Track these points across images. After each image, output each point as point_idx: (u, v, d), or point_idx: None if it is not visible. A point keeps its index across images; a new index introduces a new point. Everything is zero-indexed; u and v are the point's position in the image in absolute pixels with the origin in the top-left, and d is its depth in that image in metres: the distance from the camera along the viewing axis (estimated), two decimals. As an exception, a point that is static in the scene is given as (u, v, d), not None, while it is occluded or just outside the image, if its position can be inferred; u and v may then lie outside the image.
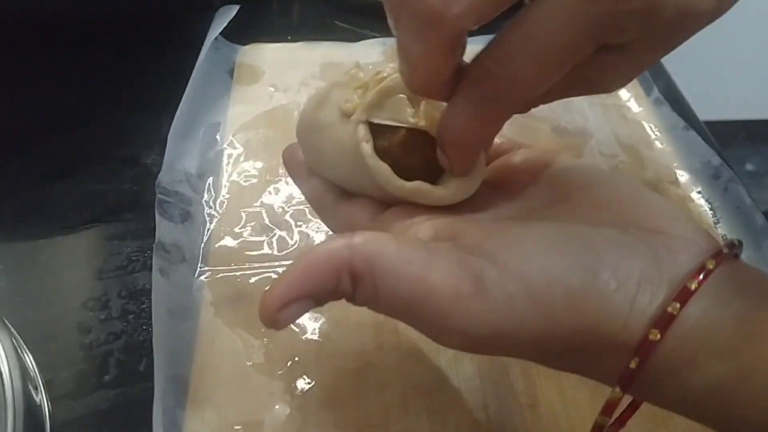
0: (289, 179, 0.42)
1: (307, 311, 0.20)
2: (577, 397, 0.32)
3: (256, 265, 0.37)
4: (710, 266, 0.19)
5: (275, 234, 0.39)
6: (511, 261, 0.19)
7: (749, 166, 1.59)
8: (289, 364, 0.33)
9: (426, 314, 0.19)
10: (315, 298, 0.20)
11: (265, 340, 0.34)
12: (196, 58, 0.47)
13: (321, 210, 0.28)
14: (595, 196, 0.23)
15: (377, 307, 0.20)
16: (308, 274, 0.20)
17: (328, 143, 0.26)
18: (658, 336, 0.19)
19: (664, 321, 0.19)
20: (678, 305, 0.19)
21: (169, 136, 0.41)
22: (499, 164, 0.27)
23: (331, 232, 0.29)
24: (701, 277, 0.19)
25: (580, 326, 0.19)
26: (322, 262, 0.20)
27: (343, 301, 0.36)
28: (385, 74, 0.24)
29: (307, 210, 0.41)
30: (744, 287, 0.19)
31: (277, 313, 0.19)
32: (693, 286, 0.19)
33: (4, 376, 0.28)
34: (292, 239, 0.39)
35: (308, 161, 0.28)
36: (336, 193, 0.27)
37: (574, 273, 0.19)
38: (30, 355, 0.32)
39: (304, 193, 0.29)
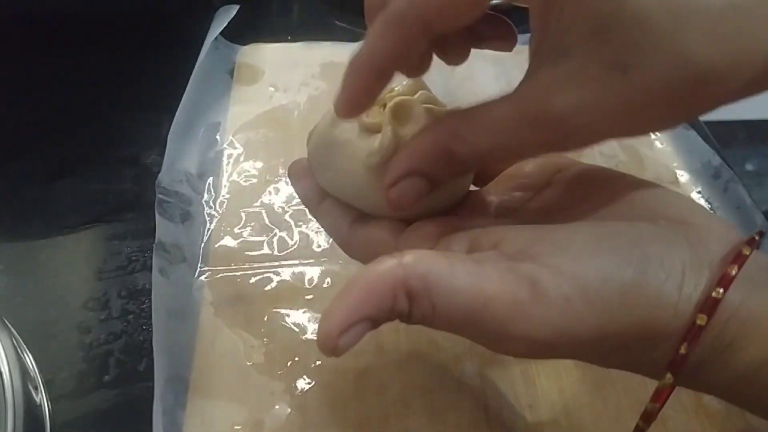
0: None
1: (364, 334, 0.20)
2: (577, 397, 0.32)
3: (256, 265, 0.37)
4: (746, 252, 0.20)
5: (275, 234, 0.39)
6: (563, 263, 0.20)
7: (749, 166, 1.59)
8: (289, 364, 0.33)
9: (486, 324, 0.20)
10: (372, 319, 0.20)
11: (265, 340, 0.34)
12: (196, 58, 0.47)
13: (338, 235, 0.27)
14: (614, 195, 0.23)
15: (434, 323, 0.20)
16: (365, 296, 0.20)
17: (346, 161, 0.25)
18: (705, 320, 0.19)
19: (709, 305, 0.19)
20: (721, 290, 0.19)
21: (169, 136, 0.41)
22: (509, 172, 0.27)
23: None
24: (741, 261, 0.20)
25: (635, 319, 0.20)
26: (378, 283, 0.20)
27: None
28: (398, 89, 0.24)
29: (307, 210, 0.40)
30: None
31: (339, 339, 0.19)
32: (733, 272, 0.20)
33: (4, 376, 0.28)
34: (292, 239, 0.39)
35: (322, 182, 0.27)
36: (353, 217, 0.26)
37: (626, 269, 0.20)
38: (30, 355, 0.32)
39: (317, 218, 0.28)
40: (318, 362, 0.33)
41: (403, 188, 0.23)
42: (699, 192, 0.44)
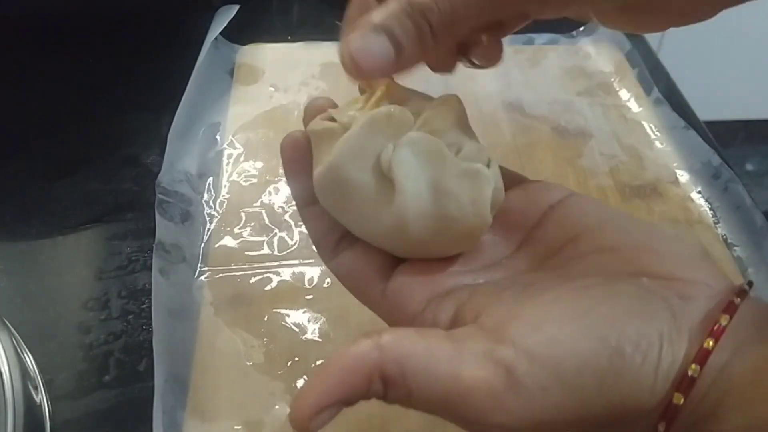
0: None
1: (337, 413, 0.20)
2: (577, 397, 0.32)
3: (256, 265, 0.37)
4: (724, 322, 0.20)
5: (275, 234, 0.39)
6: (538, 348, 0.20)
7: (749, 166, 1.59)
8: (289, 364, 0.33)
9: (463, 413, 0.20)
10: (346, 402, 0.20)
11: (265, 340, 0.34)
12: (196, 58, 0.47)
13: (322, 247, 0.26)
14: (604, 240, 0.23)
15: (410, 405, 0.20)
16: (339, 380, 0.20)
17: (365, 206, 0.23)
18: (682, 400, 0.19)
19: (686, 384, 0.19)
20: (697, 367, 0.19)
21: (169, 136, 0.41)
22: (501, 209, 0.26)
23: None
24: (717, 333, 0.20)
25: (611, 404, 0.20)
26: (352, 366, 0.20)
27: (343, 301, 0.36)
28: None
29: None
30: (760, 330, 0.20)
31: (311, 420, 0.19)
32: (709, 346, 0.19)
33: (4, 376, 0.28)
34: (292, 239, 0.39)
35: (337, 218, 0.24)
36: (341, 233, 0.25)
37: (601, 354, 0.19)
38: (30, 355, 0.32)
39: (304, 221, 0.26)
40: (318, 362, 0.33)
41: (364, 41, 0.22)
42: (699, 192, 0.44)
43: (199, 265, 0.37)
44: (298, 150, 0.25)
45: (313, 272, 0.37)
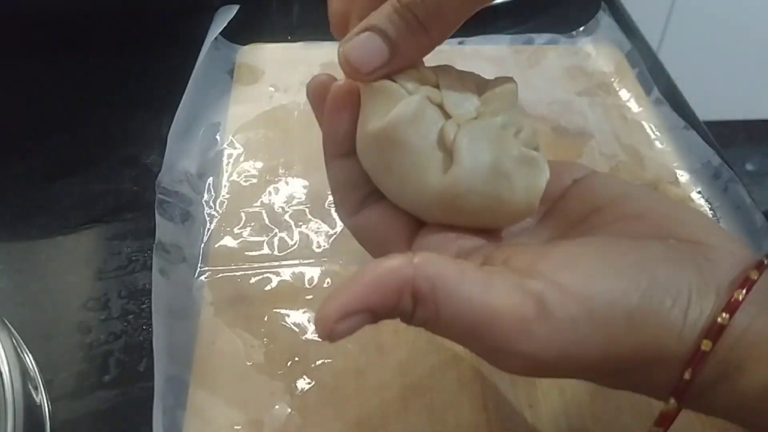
0: (289, 179, 0.42)
1: (363, 326, 0.20)
2: (577, 397, 0.32)
3: (256, 265, 0.37)
4: (754, 277, 0.20)
5: (275, 234, 0.39)
6: (570, 282, 0.20)
7: (749, 166, 1.59)
8: (289, 364, 0.33)
9: (489, 338, 0.19)
10: (374, 313, 0.20)
11: (265, 340, 0.34)
12: (196, 58, 0.47)
13: (344, 203, 0.25)
14: (627, 209, 0.23)
15: (436, 328, 0.20)
16: (371, 288, 0.19)
17: (414, 171, 0.23)
18: (710, 346, 0.19)
19: (715, 331, 0.19)
20: (727, 316, 0.19)
21: (169, 136, 0.41)
22: None
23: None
24: (748, 285, 0.20)
25: (640, 345, 0.20)
26: (385, 277, 0.19)
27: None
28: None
29: (307, 210, 0.41)
30: None
31: (336, 323, 0.19)
32: (740, 297, 0.19)
33: (4, 376, 0.28)
34: (292, 239, 0.39)
35: (375, 179, 0.24)
36: (368, 190, 0.25)
37: (633, 294, 0.20)
38: (30, 355, 0.32)
39: (329, 171, 0.26)
40: (318, 362, 0.33)
41: (357, 41, 0.22)
42: (699, 192, 0.44)
43: (199, 265, 0.37)
44: (341, 99, 0.24)
45: (313, 272, 0.37)
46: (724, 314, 0.19)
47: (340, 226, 0.39)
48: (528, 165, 0.23)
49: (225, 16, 0.50)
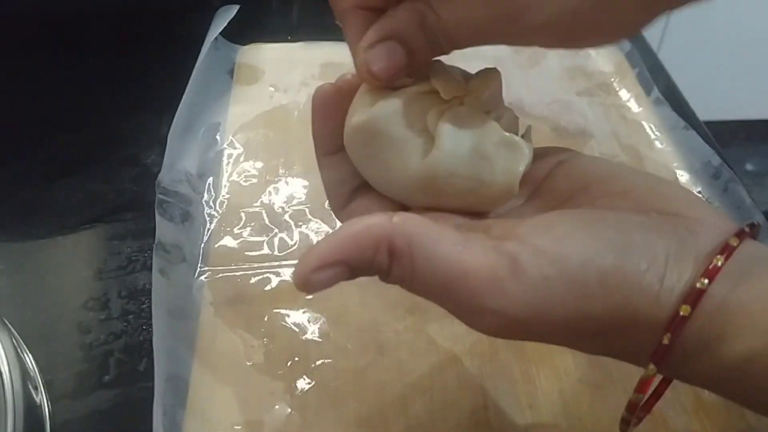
0: (289, 179, 0.42)
1: (339, 280, 0.20)
2: (577, 397, 0.32)
3: (256, 265, 0.37)
4: (734, 243, 0.20)
5: (275, 234, 0.39)
6: (545, 244, 0.20)
7: (749, 166, 1.59)
8: (289, 364, 0.33)
9: (462, 294, 0.20)
10: (351, 267, 0.20)
11: (265, 340, 0.34)
12: (196, 58, 0.47)
13: (335, 197, 0.26)
14: (612, 187, 0.23)
15: (412, 285, 0.21)
16: (348, 241, 0.20)
17: (397, 160, 0.24)
18: (689, 311, 0.19)
19: (693, 296, 0.19)
20: (706, 281, 0.19)
21: (169, 136, 0.41)
22: None
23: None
24: (727, 252, 0.20)
25: (613, 306, 0.20)
26: (363, 232, 0.20)
27: (343, 301, 0.36)
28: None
29: (307, 210, 0.41)
30: (766, 262, 0.20)
31: (312, 273, 0.20)
32: (719, 263, 0.20)
33: (4, 376, 0.28)
34: (292, 239, 0.39)
35: (361, 171, 0.25)
36: (357, 183, 0.26)
37: (607, 254, 0.20)
38: (30, 355, 0.32)
39: (321, 169, 0.27)
40: (318, 362, 0.33)
41: (380, 51, 0.22)
42: (699, 192, 0.44)
43: (199, 265, 0.37)
44: (328, 101, 0.26)
45: (313, 272, 0.37)
46: (703, 279, 0.19)
47: (340, 226, 0.39)
48: (508, 148, 0.23)
49: (225, 16, 0.50)
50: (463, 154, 0.23)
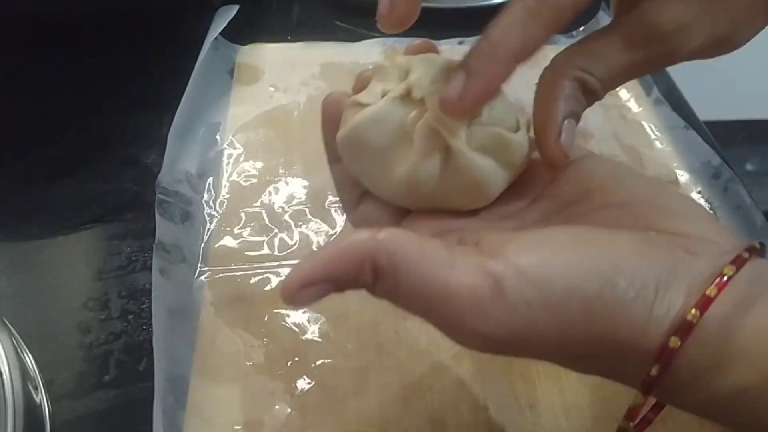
0: (289, 179, 0.42)
1: (326, 295, 0.21)
2: (577, 397, 0.32)
3: (256, 265, 0.37)
4: (729, 272, 0.19)
5: (275, 234, 0.39)
6: (530, 266, 0.20)
7: (749, 166, 1.59)
8: (289, 364, 0.33)
9: (445, 315, 0.20)
10: (336, 284, 0.20)
11: (265, 340, 0.34)
12: (196, 58, 0.47)
13: (347, 200, 0.28)
14: (615, 197, 0.23)
15: (397, 302, 0.21)
16: (332, 260, 0.20)
17: (387, 168, 0.24)
18: (678, 343, 0.19)
19: (684, 329, 0.19)
20: (697, 313, 0.19)
21: (169, 136, 0.41)
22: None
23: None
24: (721, 282, 0.19)
25: (598, 334, 0.19)
26: (347, 251, 0.20)
27: (343, 301, 0.36)
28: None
29: (307, 210, 0.41)
30: (766, 289, 0.20)
31: (297, 291, 0.20)
32: (712, 294, 0.19)
33: (4, 376, 0.28)
34: (292, 239, 0.39)
35: (358, 178, 0.26)
36: (365, 188, 0.26)
37: (591, 282, 0.19)
38: (30, 355, 0.32)
39: (333, 173, 0.28)
40: (318, 362, 0.33)
41: (566, 129, 0.24)
42: (699, 192, 0.44)
43: (199, 265, 0.37)
44: (335, 110, 0.26)
45: (313, 272, 0.37)
46: (693, 311, 0.19)
47: (340, 226, 0.39)
48: (494, 145, 0.24)
49: (225, 16, 0.50)
50: (438, 155, 0.23)
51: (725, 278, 0.19)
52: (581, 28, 0.56)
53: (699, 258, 0.20)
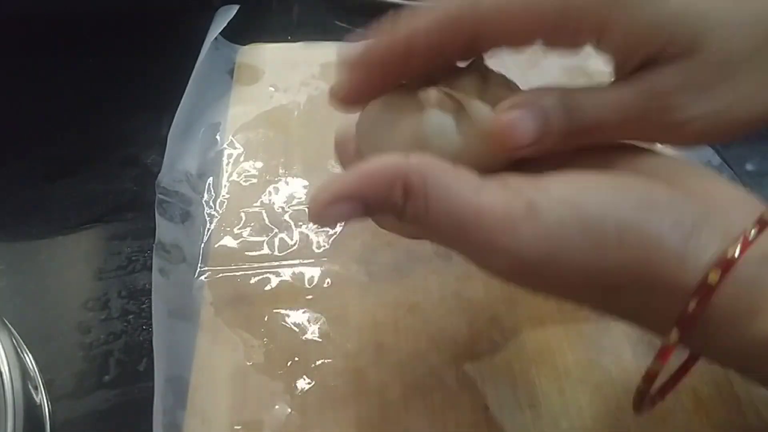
0: (289, 179, 0.42)
1: (353, 216, 0.20)
2: (577, 397, 0.32)
3: (256, 265, 0.37)
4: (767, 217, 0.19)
5: (275, 234, 0.39)
6: (564, 190, 0.19)
7: (749, 166, 1.58)
8: (289, 364, 0.33)
9: (475, 233, 0.19)
10: (365, 203, 0.20)
11: (265, 340, 0.34)
12: (196, 58, 0.47)
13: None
14: (641, 166, 0.22)
15: (425, 224, 0.20)
16: (363, 177, 0.20)
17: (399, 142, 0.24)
18: (717, 278, 0.18)
19: (723, 264, 0.18)
20: (738, 250, 0.18)
21: (169, 136, 0.41)
22: None
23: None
24: (763, 223, 0.19)
25: (631, 261, 0.19)
26: (379, 170, 0.20)
27: (343, 301, 0.36)
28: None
29: (307, 210, 0.40)
30: None
31: (326, 208, 0.20)
32: (751, 235, 0.18)
33: (4, 376, 0.28)
34: (292, 240, 0.39)
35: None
36: None
37: (628, 207, 0.19)
38: (30, 355, 0.32)
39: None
40: (318, 362, 0.33)
41: (519, 126, 0.23)
42: (699, 192, 0.44)
43: (199, 265, 0.37)
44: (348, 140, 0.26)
45: (313, 272, 0.37)
46: (733, 248, 0.18)
47: (340, 225, 0.39)
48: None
49: (225, 16, 0.50)
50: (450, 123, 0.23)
51: (763, 222, 0.19)
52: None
53: (731, 212, 0.20)
